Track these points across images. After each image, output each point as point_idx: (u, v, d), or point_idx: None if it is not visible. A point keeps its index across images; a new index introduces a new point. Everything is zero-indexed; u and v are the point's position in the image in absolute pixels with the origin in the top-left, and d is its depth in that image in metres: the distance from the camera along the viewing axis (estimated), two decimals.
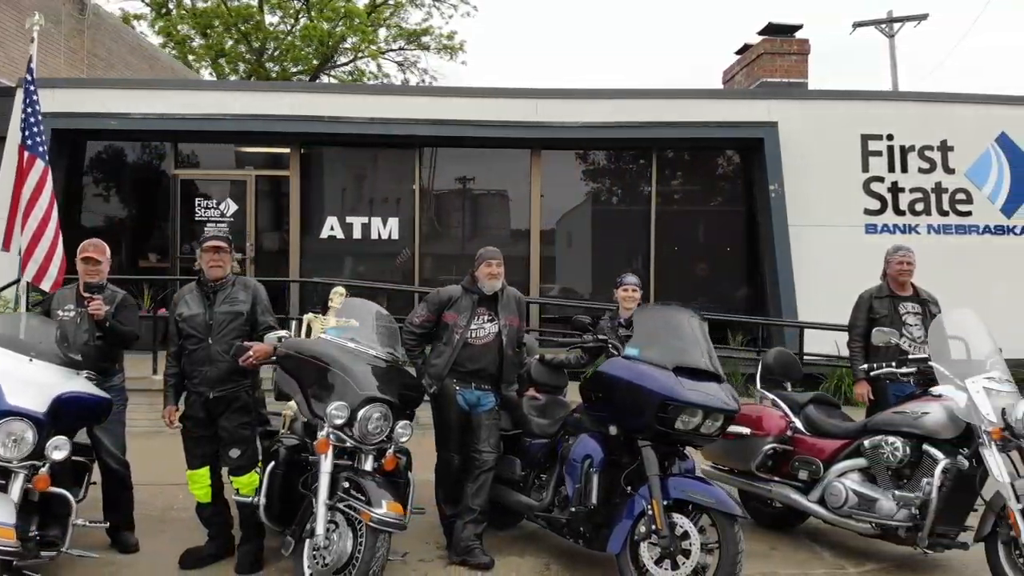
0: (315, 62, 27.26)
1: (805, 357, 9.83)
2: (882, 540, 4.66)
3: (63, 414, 4.02)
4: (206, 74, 28.76)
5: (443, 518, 4.91)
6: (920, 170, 10.44)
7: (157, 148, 10.51)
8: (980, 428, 4.24)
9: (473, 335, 4.77)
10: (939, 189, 10.44)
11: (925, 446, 4.50)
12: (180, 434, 4.58)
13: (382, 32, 29.74)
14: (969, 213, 10.44)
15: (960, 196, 10.45)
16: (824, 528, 5.14)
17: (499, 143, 10.46)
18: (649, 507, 4.02)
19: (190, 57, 26.09)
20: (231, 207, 10.37)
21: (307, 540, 4.03)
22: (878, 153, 10.41)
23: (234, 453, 4.49)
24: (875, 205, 10.37)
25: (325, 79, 28.54)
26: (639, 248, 10.67)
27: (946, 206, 10.43)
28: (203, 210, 10.35)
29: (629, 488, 4.22)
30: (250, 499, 4.41)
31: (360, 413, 4.12)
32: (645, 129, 10.21)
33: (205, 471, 4.56)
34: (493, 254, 4.86)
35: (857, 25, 26.35)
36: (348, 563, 3.96)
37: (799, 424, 5.22)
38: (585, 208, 11.08)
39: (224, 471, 4.57)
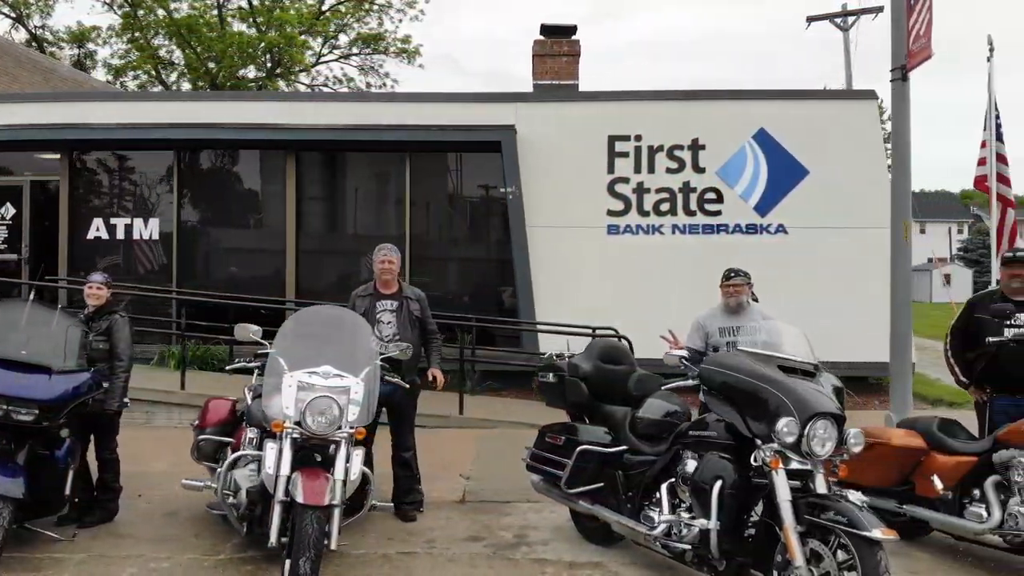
0: (268, 67, 28.10)
1: (540, 358, 9.87)
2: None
3: None
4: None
5: None
6: (668, 170, 10.30)
7: None
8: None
9: None
10: (687, 189, 10.28)
11: None
12: None
13: (344, 38, 30.46)
14: (719, 212, 10.25)
15: (710, 195, 10.27)
16: None
17: (257, 145, 10.77)
18: None
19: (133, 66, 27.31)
20: (10, 211, 10.96)
21: None
22: (625, 154, 10.31)
23: None
24: (619, 206, 10.28)
25: (279, 86, 29.34)
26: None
27: (693, 206, 10.27)
28: None
29: None
30: None
31: None
32: (394, 132, 10.36)
33: None
34: None
35: (812, 20, 25.75)
36: None
37: None
38: (340, 209, 11.31)
39: None
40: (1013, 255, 5.32)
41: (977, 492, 4.66)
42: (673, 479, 4.38)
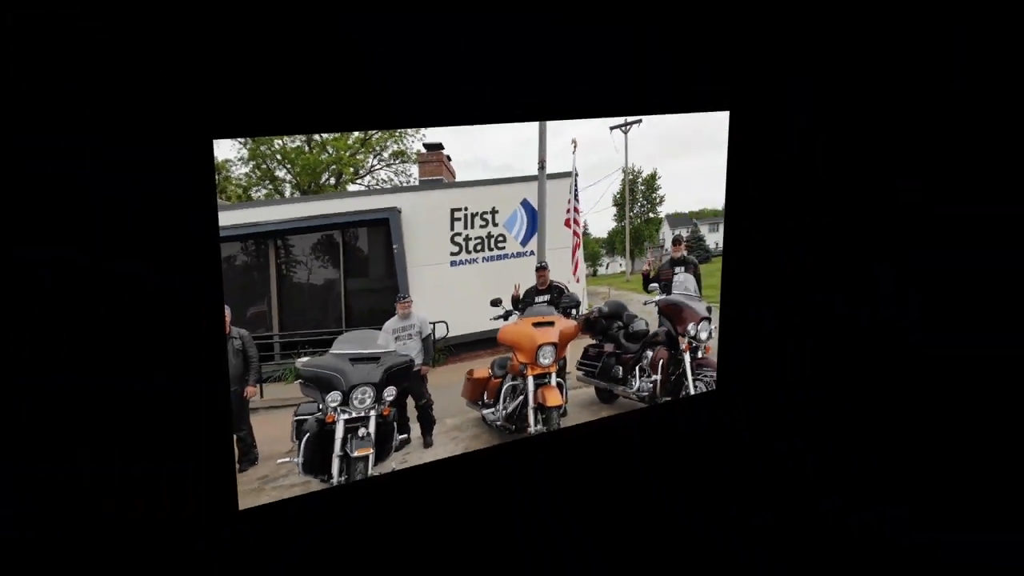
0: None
1: None
2: None
3: None
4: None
5: None
6: (480, 226, 17.32)
7: None
8: None
9: None
10: (490, 236, 17.54)
11: None
12: None
13: (385, 153, 26.56)
14: (504, 247, 18.02)
15: (501, 239, 17.68)
16: None
17: None
18: None
19: None
20: None
21: None
22: (460, 219, 17.13)
23: None
24: (456, 249, 17.20)
25: None
26: None
27: (493, 246, 17.82)
28: None
29: None
30: None
31: None
32: None
33: None
34: None
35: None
36: None
37: None
38: None
39: None
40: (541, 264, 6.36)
41: None
42: None
